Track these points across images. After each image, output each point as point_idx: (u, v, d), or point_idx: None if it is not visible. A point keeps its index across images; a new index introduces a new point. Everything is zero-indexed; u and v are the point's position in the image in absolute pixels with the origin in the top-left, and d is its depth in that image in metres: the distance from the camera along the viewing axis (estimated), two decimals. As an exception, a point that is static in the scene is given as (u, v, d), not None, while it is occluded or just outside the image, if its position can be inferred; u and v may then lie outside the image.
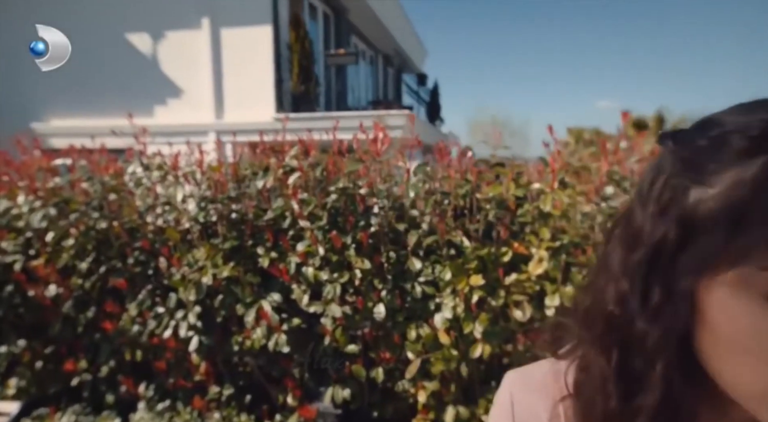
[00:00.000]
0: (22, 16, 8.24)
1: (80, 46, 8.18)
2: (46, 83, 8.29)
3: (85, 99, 8.10)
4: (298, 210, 1.99)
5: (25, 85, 8.39)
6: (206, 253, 2.14)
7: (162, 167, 2.19)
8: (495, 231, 1.95)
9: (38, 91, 8.38)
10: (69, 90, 8.20)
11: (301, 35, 7.15)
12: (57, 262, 2.25)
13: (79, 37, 8.07)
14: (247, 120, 7.54)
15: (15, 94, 8.45)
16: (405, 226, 2.02)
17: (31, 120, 8.41)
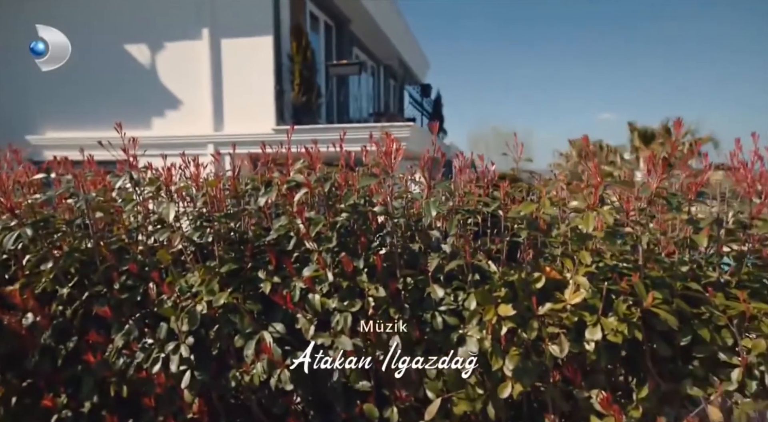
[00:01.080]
0: (20, 28, 8.12)
1: (78, 57, 8.05)
2: (42, 95, 8.15)
3: (81, 111, 7.94)
4: (304, 230, 1.78)
5: (22, 97, 8.25)
6: (201, 278, 1.92)
7: (154, 182, 1.98)
8: (524, 253, 1.74)
9: (34, 103, 8.23)
10: (65, 102, 8.04)
11: (303, 45, 7.02)
12: (35, 287, 2.03)
13: (77, 48, 7.94)
14: (246, 131, 7.37)
15: (11, 106, 8.29)
16: (424, 249, 1.81)
17: (27, 132, 8.22)
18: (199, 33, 7.34)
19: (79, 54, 7.96)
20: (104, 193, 2.13)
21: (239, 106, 7.47)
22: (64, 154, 7.94)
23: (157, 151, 8.31)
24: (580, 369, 1.71)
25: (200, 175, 2.14)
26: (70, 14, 7.88)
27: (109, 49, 7.79)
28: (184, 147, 7.87)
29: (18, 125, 8.21)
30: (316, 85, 7.34)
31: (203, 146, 7.48)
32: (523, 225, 1.75)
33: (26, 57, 8.23)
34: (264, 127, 7.27)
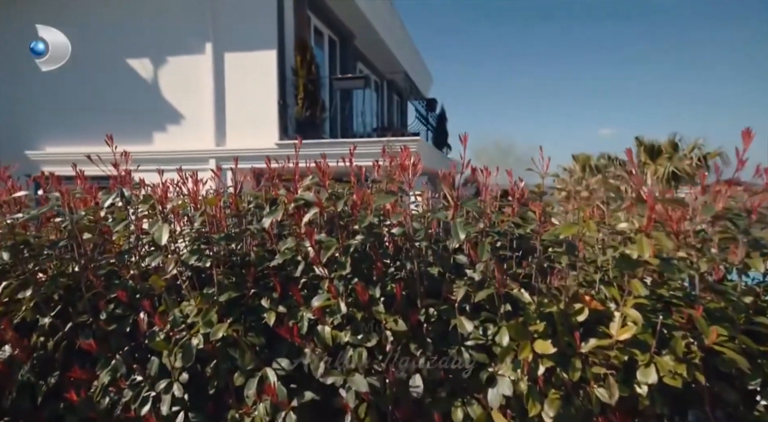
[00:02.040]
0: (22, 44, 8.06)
1: (81, 72, 7.98)
2: (43, 110, 8.05)
3: (82, 125, 7.82)
4: (313, 254, 1.58)
5: (23, 112, 8.15)
6: (198, 307, 1.72)
7: (147, 200, 1.80)
8: (561, 280, 1.54)
9: (35, 118, 8.13)
10: (66, 116, 7.94)
11: (308, 59, 6.92)
12: (14, 316, 1.83)
13: (79, 63, 7.87)
14: (249, 146, 7.23)
15: (12, 121, 8.19)
16: (447, 274, 1.61)
17: (27, 147, 8.10)
18: (202, 47, 7.26)
19: (82, 69, 7.89)
20: (95, 211, 1.94)
21: (242, 121, 7.34)
22: (63, 169, 7.76)
23: (159, 166, 8.12)
24: (629, 413, 1.50)
25: (199, 192, 1.96)
26: (73, 30, 7.82)
27: (112, 64, 7.71)
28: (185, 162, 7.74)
29: (19, 140, 8.09)
30: (321, 99, 7.22)
31: (205, 161, 7.33)
32: (562, 250, 1.56)
33: (28, 72, 8.17)
34: (267, 142, 7.13)
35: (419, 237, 1.59)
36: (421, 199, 1.74)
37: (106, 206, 1.77)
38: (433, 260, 1.65)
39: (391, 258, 1.63)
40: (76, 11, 7.76)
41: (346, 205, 1.60)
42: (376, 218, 1.61)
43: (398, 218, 1.54)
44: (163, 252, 1.68)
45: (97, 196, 2.15)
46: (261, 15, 7.09)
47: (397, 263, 1.66)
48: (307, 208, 1.66)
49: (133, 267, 1.91)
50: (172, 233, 1.82)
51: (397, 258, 1.66)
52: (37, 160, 8.01)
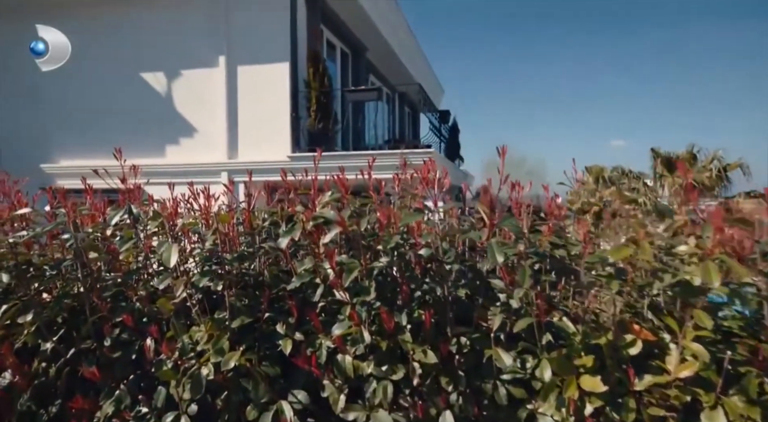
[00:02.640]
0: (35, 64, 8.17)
1: (95, 86, 8.05)
2: (58, 123, 8.12)
3: (96, 139, 7.86)
4: (333, 276, 1.45)
5: (39, 125, 8.23)
6: (208, 332, 1.59)
7: (156, 217, 1.69)
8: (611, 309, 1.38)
9: (51, 132, 8.19)
10: (81, 129, 7.99)
11: (321, 71, 6.88)
12: (14, 341, 1.72)
13: (94, 77, 7.94)
14: (261, 159, 7.17)
15: (28, 135, 8.26)
16: (479, 299, 1.47)
17: (43, 160, 8.15)
18: (215, 60, 7.27)
19: (96, 82, 7.96)
20: (103, 229, 1.84)
21: (254, 133, 7.31)
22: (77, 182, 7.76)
23: (171, 179, 8.07)
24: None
25: (211, 208, 1.84)
26: (88, 44, 7.91)
27: (126, 77, 7.76)
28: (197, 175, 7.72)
29: (35, 153, 8.14)
30: (333, 111, 7.16)
31: (217, 174, 7.29)
32: (606, 273, 1.40)
33: (45, 87, 8.27)
34: (279, 155, 7.07)
35: (449, 258, 1.45)
36: (450, 217, 1.60)
37: (113, 224, 1.67)
38: (464, 283, 1.51)
39: (417, 282, 1.49)
40: (92, 27, 7.86)
41: (369, 223, 1.47)
42: (401, 238, 1.47)
43: (427, 238, 1.40)
44: (172, 274, 1.56)
45: (106, 211, 2.06)
46: (274, 28, 7.09)
47: (423, 287, 1.52)
48: (326, 227, 1.53)
49: (141, 288, 1.80)
50: (182, 252, 1.71)
51: (423, 282, 1.52)
52: (51, 173, 8.05)
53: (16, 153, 8.28)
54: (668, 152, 12.62)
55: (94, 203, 2.09)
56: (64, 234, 1.69)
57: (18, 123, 8.33)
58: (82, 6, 7.78)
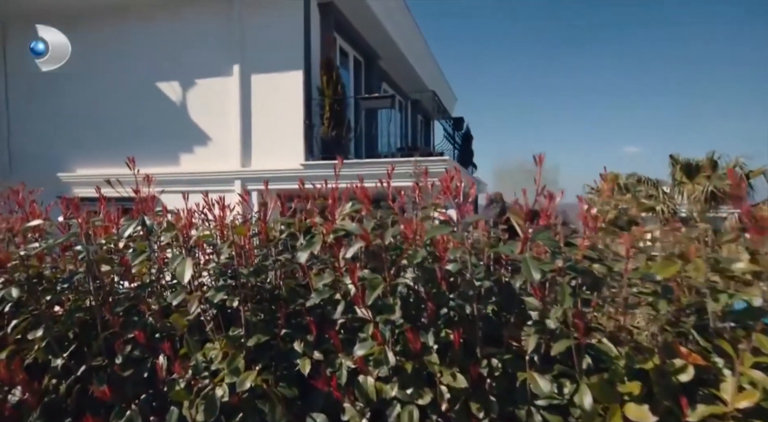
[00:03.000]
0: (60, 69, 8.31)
1: (111, 95, 8.15)
2: (75, 132, 8.22)
3: (111, 147, 7.93)
4: (356, 292, 1.37)
5: (56, 134, 8.34)
6: (222, 351, 1.52)
7: (170, 229, 1.63)
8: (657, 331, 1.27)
9: (67, 140, 8.29)
10: (97, 138, 8.08)
11: (334, 79, 6.86)
12: (25, 356, 1.67)
13: (110, 86, 8.04)
14: (275, 167, 7.16)
15: (46, 143, 8.38)
16: (511, 318, 1.37)
17: (59, 169, 8.24)
18: (230, 69, 7.30)
19: (113, 91, 8.06)
20: (116, 240, 1.79)
21: (267, 141, 7.30)
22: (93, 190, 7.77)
23: (185, 187, 8.09)
24: None
25: (225, 219, 1.78)
26: (104, 53, 8.02)
27: (141, 86, 7.83)
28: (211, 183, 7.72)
29: (52, 162, 8.24)
30: (347, 119, 7.13)
31: (230, 182, 7.29)
32: (649, 290, 1.30)
33: (63, 95, 8.40)
34: (292, 163, 7.05)
35: (479, 274, 1.36)
36: (479, 229, 1.51)
37: (126, 236, 1.61)
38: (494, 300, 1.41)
39: (444, 299, 1.40)
40: (110, 37, 7.97)
41: (393, 236, 1.38)
42: (429, 252, 1.38)
43: (456, 253, 1.31)
44: (186, 289, 1.49)
45: (120, 222, 2.01)
46: (288, 36, 7.11)
47: (450, 304, 1.43)
48: (348, 239, 1.45)
49: (154, 302, 1.73)
50: (197, 265, 1.64)
51: (449, 298, 1.42)
52: (68, 181, 8.13)
53: (33, 162, 8.41)
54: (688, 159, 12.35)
55: (107, 214, 2.05)
56: (77, 246, 1.64)
57: (35, 132, 8.46)
58: (101, 16, 7.90)
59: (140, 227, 1.63)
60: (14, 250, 1.61)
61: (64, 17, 7.98)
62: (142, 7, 7.60)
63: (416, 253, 1.29)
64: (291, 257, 1.87)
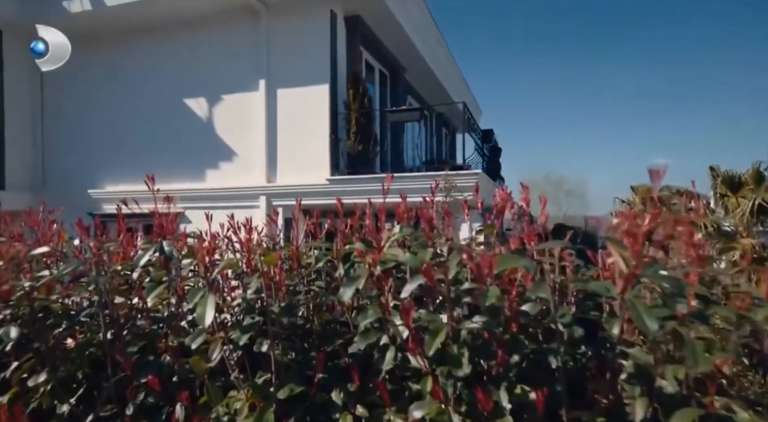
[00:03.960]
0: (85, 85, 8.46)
1: (140, 112, 8.23)
2: (105, 149, 8.31)
3: (139, 164, 7.97)
4: (409, 337, 1.12)
5: (87, 151, 8.45)
6: (249, 401, 1.29)
7: (191, 255, 1.42)
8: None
9: (98, 157, 8.38)
10: (126, 155, 8.13)
11: (361, 92, 6.72)
12: (29, 401, 1.47)
13: (139, 103, 8.11)
14: (300, 182, 7.02)
15: (78, 160, 8.50)
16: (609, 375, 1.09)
17: (91, 186, 8.32)
18: (256, 84, 7.25)
19: (141, 108, 8.13)
20: (131, 268, 1.59)
21: (293, 157, 7.18)
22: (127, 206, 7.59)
23: (210, 204, 8.05)
24: None
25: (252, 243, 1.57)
26: (133, 71, 8.13)
27: (169, 103, 7.87)
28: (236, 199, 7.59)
29: (84, 179, 8.34)
30: (374, 132, 6.95)
31: (256, 198, 7.18)
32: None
33: (92, 113, 8.53)
34: (318, 178, 6.89)
35: (564, 318, 1.09)
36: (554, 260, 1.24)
37: (142, 265, 1.41)
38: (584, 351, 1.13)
39: (520, 347, 1.13)
40: (138, 55, 8.07)
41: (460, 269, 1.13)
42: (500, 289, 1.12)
43: (540, 292, 1.05)
44: (206, 333, 1.27)
45: (138, 244, 1.82)
46: (314, 50, 7.03)
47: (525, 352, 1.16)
48: (396, 273, 1.21)
49: (172, 338, 1.52)
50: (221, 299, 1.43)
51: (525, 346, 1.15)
52: (97, 198, 8.19)
53: (66, 179, 8.53)
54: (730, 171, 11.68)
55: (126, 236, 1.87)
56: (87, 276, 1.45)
57: (68, 149, 8.59)
58: (129, 35, 8.03)
59: (158, 253, 1.43)
60: (16, 283, 1.43)
61: (95, 38, 8.15)
62: (171, 24, 7.67)
63: (489, 292, 1.03)
64: (326, 286, 1.64)
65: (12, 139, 8.27)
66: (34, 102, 8.64)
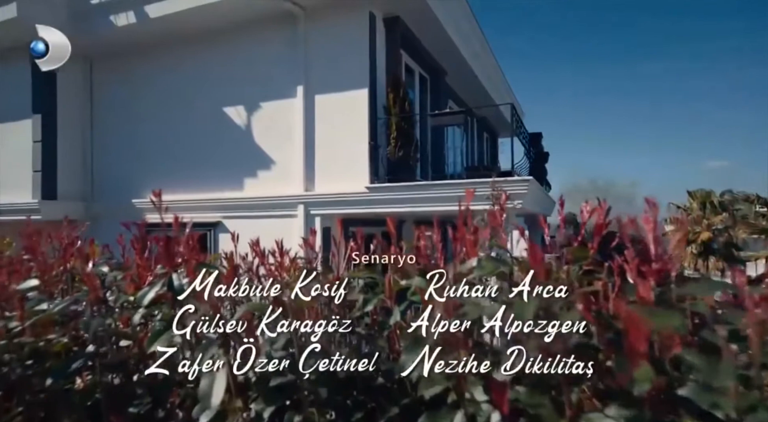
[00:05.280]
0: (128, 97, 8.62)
1: (182, 122, 8.28)
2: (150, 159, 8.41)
3: (181, 173, 8.00)
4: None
5: (134, 161, 8.59)
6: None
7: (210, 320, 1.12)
8: None
9: (144, 167, 8.48)
10: (168, 165, 8.18)
11: (401, 96, 6.41)
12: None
13: (180, 113, 8.15)
14: (339, 190, 6.77)
15: (123, 171, 8.65)
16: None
17: (136, 196, 8.43)
18: (293, 91, 7.10)
19: (181, 118, 8.17)
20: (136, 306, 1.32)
21: (331, 164, 6.95)
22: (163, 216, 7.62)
23: (248, 213, 7.82)
24: None
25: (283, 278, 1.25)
26: (173, 82, 8.19)
27: (209, 112, 7.86)
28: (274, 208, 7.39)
29: (130, 189, 8.45)
30: (415, 138, 6.61)
31: (293, 207, 7.00)
32: None
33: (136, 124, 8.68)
34: (357, 186, 6.62)
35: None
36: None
37: (146, 303, 1.12)
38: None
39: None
40: (177, 67, 8.12)
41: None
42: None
43: (721, 377, 0.66)
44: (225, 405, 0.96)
45: (155, 271, 1.55)
46: (353, 55, 6.80)
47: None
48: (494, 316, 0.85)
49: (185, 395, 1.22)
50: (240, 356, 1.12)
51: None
52: (141, 207, 8.28)
53: (113, 190, 8.68)
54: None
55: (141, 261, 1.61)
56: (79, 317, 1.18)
57: (115, 161, 8.76)
58: (169, 47, 8.10)
59: (166, 289, 1.14)
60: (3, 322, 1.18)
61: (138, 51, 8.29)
62: (210, 34, 7.67)
63: (642, 372, 0.65)
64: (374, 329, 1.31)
65: (64, 152, 8.52)
66: (84, 114, 8.89)
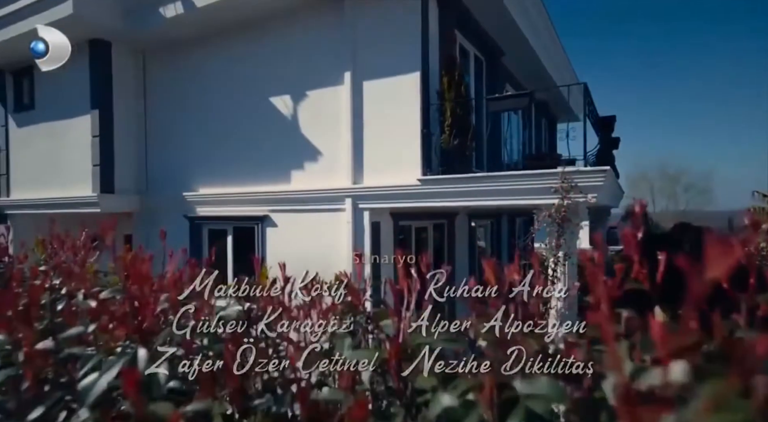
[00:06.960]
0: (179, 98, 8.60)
1: (230, 114, 8.14)
2: (200, 153, 8.39)
3: (229, 166, 7.91)
4: None
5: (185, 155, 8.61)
6: None
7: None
8: None
9: (194, 161, 8.48)
10: (217, 158, 8.12)
11: (456, 79, 5.86)
12: None
13: (228, 106, 8.00)
14: (388, 183, 6.36)
15: (175, 165, 8.71)
16: None
17: (187, 189, 8.46)
18: (340, 78, 6.72)
19: (228, 110, 8.04)
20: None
21: (380, 155, 6.54)
22: (213, 209, 7.64)
23: (295, 206, 7.50)
24: None
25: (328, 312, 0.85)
26: (220, 74, 8.06)
27: (256, 103, 7.67)
28: (321, 201, 7.05)
29: (181, 182, 8.50)
30: (471, 125, 6.06)
31: (341, 200, 6.68)
32: None
33: (185, 117, 8.68)
34: (408, 178, 6.17)
35: None
36: None
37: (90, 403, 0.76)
38: None
39: None
40: (223, 58, 7.98)
41: None
42: None
43: None
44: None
45: (181, 285, 1.22)
46: (403, 36, 6.31)
47: None
48: None
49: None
50: None
51: None
52: (192, 201, 8.30)
53: (166, 183, 8.77)
54: None
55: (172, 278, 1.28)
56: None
57: (168, 154, 8.84)
58: (214, 38, 7.96)
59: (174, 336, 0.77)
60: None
61: (186, 44, 8.23)
62: (255, 22, 7.45)
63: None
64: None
65: (120, 146, 8.69)
66: (138, 108, 9.01)
